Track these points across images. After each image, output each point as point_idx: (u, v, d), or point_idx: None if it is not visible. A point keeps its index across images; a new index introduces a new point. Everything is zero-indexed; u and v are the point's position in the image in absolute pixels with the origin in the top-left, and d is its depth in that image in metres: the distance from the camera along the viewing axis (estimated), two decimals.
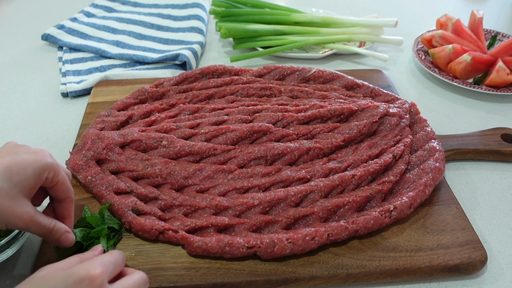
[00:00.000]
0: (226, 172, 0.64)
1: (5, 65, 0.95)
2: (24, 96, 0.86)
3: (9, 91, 0.87)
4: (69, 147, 0.73)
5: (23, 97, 0.86)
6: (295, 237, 0.55)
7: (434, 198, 0.64)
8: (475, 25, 0.98)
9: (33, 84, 0.89)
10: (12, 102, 0.84)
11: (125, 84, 0.85)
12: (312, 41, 0.97)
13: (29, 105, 0.84)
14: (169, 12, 1.11)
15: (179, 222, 0.58)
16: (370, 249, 0.57)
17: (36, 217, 0.49)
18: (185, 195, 0.61)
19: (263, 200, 0.59)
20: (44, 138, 0.75)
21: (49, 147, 0.73)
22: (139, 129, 0.69)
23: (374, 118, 0.71)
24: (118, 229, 0.58)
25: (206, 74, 0.83)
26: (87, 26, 1.04)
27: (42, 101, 0.84)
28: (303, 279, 0.54)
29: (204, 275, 0.53)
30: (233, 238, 0.55)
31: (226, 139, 0.68)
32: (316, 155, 0.67)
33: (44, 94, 0.86)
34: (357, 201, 0.60)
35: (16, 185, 0.47)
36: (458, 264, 0.55)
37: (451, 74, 0.91)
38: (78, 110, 0.82)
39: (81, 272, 0.43)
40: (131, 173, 0.64)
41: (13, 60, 0.97)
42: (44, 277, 0.43)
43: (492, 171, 0.72)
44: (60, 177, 0.51)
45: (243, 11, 1.02)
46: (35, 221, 0.48)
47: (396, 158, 0.66)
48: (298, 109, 0.73)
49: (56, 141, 0.75)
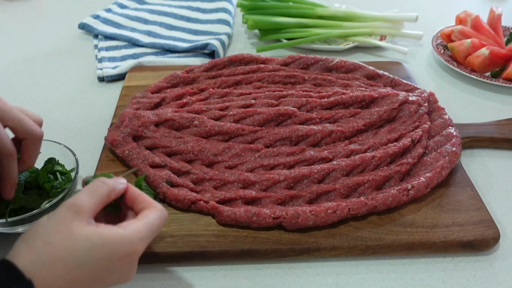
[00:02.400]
0: (253, 150, 0.68)
1: (46, 52, 1.02)
2: (64, 80, 0.92)
3: (50, 76, 0.93)
4: (106, 125, 0.78)
5: (63, 80, 0.92)
6: (317, 210, 0.59)
7: (450, 180, 0.67)
8: (493, 21, 1.01)
9: (72, 69, 0.95)
10: (53, 85, 0.90)
11: (157, 70, 0.90)
12: (335, 34, 1.01)
13: (69, 88, 0.89)
14: (198, 5, 1.17)
15: (210, 194, 0.62)
16: (388, 224, 0.60)
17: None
18: (215, 170, 0.66)
19: (288, 176, 0.63)
20: (82, 118, 0.81)
21: (88, 125, 0.79)
22: (172, 109, 0.74)
23: (394, 105, 0.74)
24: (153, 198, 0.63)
25: (234, 62, 0.87)
26: (120, 17, 1.10)
27: (80, 85, 0.90)
28: (324, 249, 0.57)
29: (233, 242, 0.57)
30: (260, 209, 0.59)
31: (253, 121, 0.72)
32: (338, 138, 0.71)
33: (82, 78, 0.92)
34: (377, 180, 0.64)
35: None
36: (472, 241, 0.58)
37: (469, 68, 0.94)
38: (114, 93, 0.87)
39: (127, 249, 0.41)
40: (165, 149, 0.69)
41: (52, 48, 1.04)
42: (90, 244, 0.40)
43: (507, 159, 0.75)
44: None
45: (269, 5, 1.06)
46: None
47: (414, 142, 0.70)
48: (322, 96, 0.77)
49: (94, 121, 0.80)
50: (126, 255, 0.41)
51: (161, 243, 0.57)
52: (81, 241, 0.40)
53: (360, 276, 0.57)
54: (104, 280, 0.42)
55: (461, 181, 0.67)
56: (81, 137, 0.76)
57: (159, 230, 0.47)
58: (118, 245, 0.41)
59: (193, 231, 0.59)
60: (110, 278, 0.42)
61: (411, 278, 0.57)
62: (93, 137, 0.76)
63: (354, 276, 0.57)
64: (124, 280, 0.44)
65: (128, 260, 0.42)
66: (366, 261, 0.59)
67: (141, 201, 0.48)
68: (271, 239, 0.58)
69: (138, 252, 0.43)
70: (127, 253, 0.41)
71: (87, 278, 0.40)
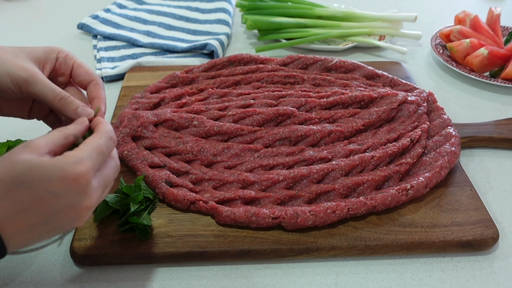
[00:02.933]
0: (252, 150, 0.68)
1: None
2: None
3: None
4: None
5: None
6: (317, 209, 0.59)
7: (449, 180, 0.67)
8: (492, 21, 1.01)
9: None
10: None
11: (156, 70, 0.90)
12: (334, 34, 1.01)
13: None
14: (197, 5, 1.17)
15: (209, 194, 0.62)
16: (387, 224, 0.60)
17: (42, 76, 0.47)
18: (214, 170, 0.66)
19: (287, 176, 0.63)
20: None
21: None
22: (171, 110, 0.74)
23: (393, 105, 0.75)
24: (152, 199, 0.63)
25: (233, 62, 0.87)
26: (119, 17, 1.10)
27: None
28: (323, 248, 0.58)
29: (232, 242, 0.57)
30: (259, 209, 0.59)
31: (252, 121, 0.72)
32: (337, 138, 0.71)
33: None
34: (376, 180, 0.64)
35: (22, 50, 0.48)
36: (471, 240, 0.58)
37: (468, 68, 0.94)
38: (113, 93, 0.87)
39: (67, 169, 0.40)
40: (164, 149, 0.68)
41: None
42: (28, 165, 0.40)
43: (506, 158, 0.75)
44: (76, 60, 0.50)
45: (268, 5, 1.06)
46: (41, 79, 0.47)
47: (413, 142, 0.70)
48: (321, 96, 0.77)
49: None
50: (66, 175, 0.40)
51: (160, 243, 0.57)
52: (21, 163, 0.40)
53: (359, 276, 0.57)
54: (51, 204, 0.41)
55: (460, 181, 0.67)
56: None
57: (104, 148, 0.45)
58: (56, 166, 0.40)
59: (192, 231, 0.59)
60: (57, 203, 0.41)
61: (410, 278, 0.57)
62: None
63: (353, 276, 0.57)
64: (78, 210, 0.42)
65: (71, 182, 0.41)
66: (365, 261, 0.59)
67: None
68: (270, 239, 0.58)
69: (79, 171, 0.41)
70: (67, 173, 0.40)
71: (28, 199, 0.40)
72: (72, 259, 0.57)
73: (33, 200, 0.40)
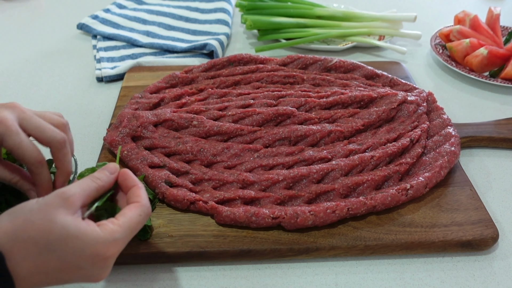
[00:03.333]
0: (252, 150, 0.68)
1: (44, 53, 1.02)
2: (62, 80, 0.92)
3: (48, 76, 0.93)
4: (105, 126, 0.78)
5: (61, 81, 0.92)
6: (317, 209, 0.59)
7: (449, 180, 0.67)
8: (492, 21, 1.01)
9: (70, 69, 0.95)
10: (51, 86, 0.90)
11: (156, 70, 0.90)
12: (334, 34, 1.01)
13: (67, 89, 0.89)
14: (197, 5, 1.17)
15: (209, 194, 0.62)
16: (387, 224, 0.60)
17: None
18: (214, 170, 0.66)
19: (287, 176, 0.63)
20: (81, 118, 0.81)
21: (86, 126, 0.79)
22: (171, 110, 0.74)
23: (392, 104, 0.75)
24: (152, 199, 0.63)
25: (232, 62, 0.87)
26: (119, 17, 1.10)
27: (79, 85, 0.90)
28: (323, 248, 0.58)
29: (232, 242, 0.57)
30: (259, 209, 0.59)
31: (252, 121, 0.72)
32: (337, 138, 0.71)
33: (81, 78, 0.92)
34: (376, 179, 0.64)
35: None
36: (470, 240, 0.58)
37: (467, 67, 0.94)
38: (112, 94, 0.87)
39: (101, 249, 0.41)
40: (163, 149, 0.68)
41: (51, 48, 1.03)
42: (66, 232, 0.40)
43: (506, 158, 0.75)
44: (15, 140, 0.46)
45: (267, 5, 1.06)
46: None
47: (413, 142, 0.70)
48: (320, 96, 0.77)
49: (92, 121, 0.80)
50: (98, 254, 0.41)
51: (160, 243, 0.57)
52: (59, 227, 0.40)
53: (359, 276, 0.57)
54: (72, 273, 0.41)
55: (460, 181, 0.67)
56: (79, 138, 0.76)
57: (139, 227, 0.45)
58: (92, 241, 0.41)
59: (192, 232, 0.59)
60: (78, 273, 0.42)
61: (410, 278, 0.57)
62: (91, 137, 0.76)
63: (353, 276, 0.57)
64: (93, 279, 0.43)
65: (100, 259, 0.41)
66: (365, 261, 0.59)
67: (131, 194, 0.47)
68: (270, 239, 0.58)
69: (110, 253, 0.42)
70: (99, 252, 0.41)
71: (55, 266, 0.40)
72: None
73: (58, 267, 0.40)
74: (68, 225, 0.40)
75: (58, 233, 0.39)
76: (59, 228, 0.40)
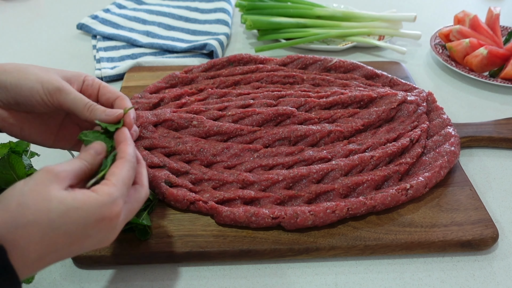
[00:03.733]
0: (252, 150, 0.68)
1: (44, 52, 1.02)
2: None
3: None
4: None
5: None
6: (316, 209, 0.59)
7: (449, 180, 0.67)
8: (492, 21, 1.01)
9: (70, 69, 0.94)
10: None
11: (155, 70, 0.90)
12: (333, 34, 1.01)
13: None
14: (196, 5, 1.17)
15: (209, 194, 0.62)
16: (387, 224, 0.60)
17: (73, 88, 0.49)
18: (213, 170, 0.66)
19: (287, 176, 0.63)
20: None
21: None
22: (171, 110, 0.74)
23: (392, 104, 0.75)
24: (152, 199, 0.63)
25: (232, 62, 0.87)
26: (119, 17, 1.10)
27: None
28: (323, 248, 0.58)
29: (232, 242, 0.58)
30: (259, 209, 0.59)
31: (252, 121, 0.72)
32: (337, 138, 0.71)
33: None
34: (375, 179, 0.64)
35: (51, 68, 0.50)
36: (470, 240, 0.58)
37: (467, 67, 0.94)
38: None
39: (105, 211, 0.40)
40: (163, 149, 0.68)
41: (51, 47, 1.04)
42: (65, 206, 0.39)
43: (506, 158, 0.75)
44: (102, 83, 0.52)
45: (267, 5, 1.06)
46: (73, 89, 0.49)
47: (413, 142, 0.70)
48: (320, 95, 0.77)
49: None
50: (102, 218, 0.40)
51: (160, 243, 0.57)
52: (56, 203, 0.39)
53: (359, 276, 0.57)
54: (82, 243, 0.41)
55: (459, 181, 0.67)
56: None
57: (131, 181, 0.45)
58: (92, 208, 0.40)
59: (192, 231, 0.59)
60: (88, 241, 0.41)
61: (410, 278, 0.57)
62: None
63: (353, 276, 0.57)
64: (104, 244, 0.43)
65: (105, 223, 0.41)
66: (365, 260, 0.59)
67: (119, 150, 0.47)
68: (270, 239, 0.58)
69: (114, 213, 0.41)
70: (103, 216, 0.40)
71: (64, 242, 0.39)
72: (72, 259, 0.57)
73: (68, 242, 0.40)
74: (65, 198, 0.39)
75: (57, 209, 0.38)
76: (57, 204, 0.39)
